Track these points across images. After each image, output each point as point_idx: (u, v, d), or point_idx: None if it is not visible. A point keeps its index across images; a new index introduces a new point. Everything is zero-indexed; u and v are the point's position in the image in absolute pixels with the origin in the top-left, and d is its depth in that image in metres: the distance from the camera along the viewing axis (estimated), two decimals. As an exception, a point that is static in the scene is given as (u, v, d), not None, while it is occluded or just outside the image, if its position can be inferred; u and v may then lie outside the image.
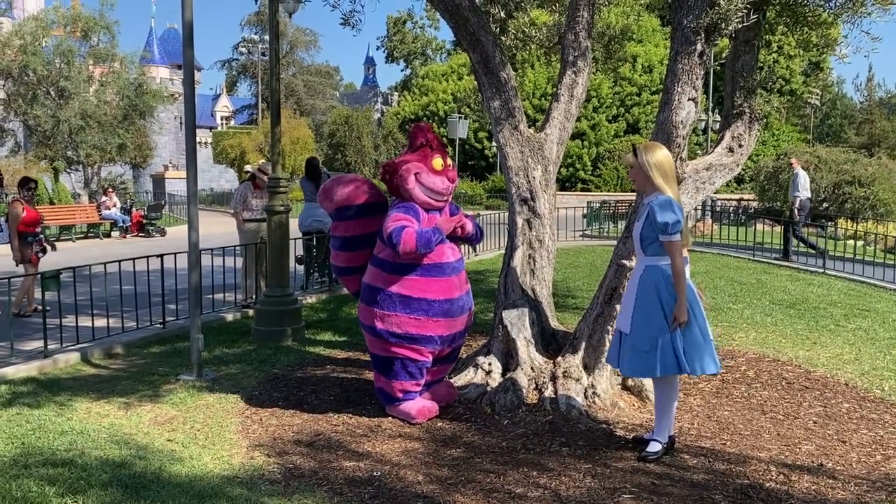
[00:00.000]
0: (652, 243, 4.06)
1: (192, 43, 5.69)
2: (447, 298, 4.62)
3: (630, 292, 4.17)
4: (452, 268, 4.70)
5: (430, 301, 4.57)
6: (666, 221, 3.93)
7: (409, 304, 4.57)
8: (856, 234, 15.18)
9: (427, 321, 4.59)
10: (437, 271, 4.61)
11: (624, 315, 4.20)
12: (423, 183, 4.58)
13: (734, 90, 5.79)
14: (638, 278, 4.13)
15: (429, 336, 4.62)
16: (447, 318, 4.65)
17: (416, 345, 4.63)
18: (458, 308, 4.70)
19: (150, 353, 6.81)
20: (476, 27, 5.66)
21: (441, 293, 4.61)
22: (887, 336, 7.38)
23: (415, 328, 4.59)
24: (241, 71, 64.66)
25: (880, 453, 4.33)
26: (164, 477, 3.84)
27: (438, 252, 4.61)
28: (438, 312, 4.60)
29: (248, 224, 8.71)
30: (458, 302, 4.70)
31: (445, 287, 4.63)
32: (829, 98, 58.66)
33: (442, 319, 4.63)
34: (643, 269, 4.12)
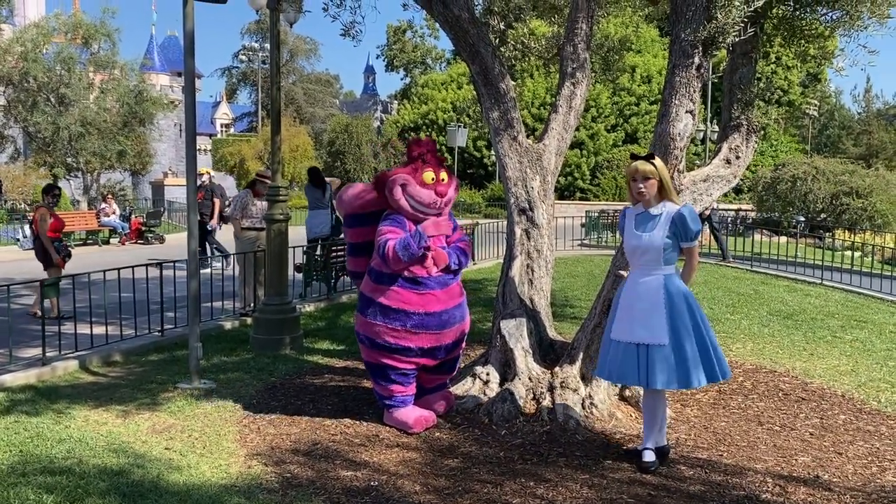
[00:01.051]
0: (672, 252, 4.10)
1: (193, 52, 5.72)
2: (427, 312, 4.65)
3: (655, 304, 4.06)
4: (437, 281, 4.70)
5: (408, 313, 4.64)
6: (698, 230, 4.09)
7: (387, 314, 4.67)
8: (853, 244, 15.22)
9: (403, 332, 4.66)
10: (418, 285, 4.65)
11: (648, 327, 4.06)
12: (410, 195, 4.63)
13: (732, 102, 5.83)
14: (663, 289, 4.07)
15: (406, 347, 4.69)
16: (427, 332, 4.68)
17: (395, 354, 4.73)
18: (441, 321, 4.70)
19: (149, 361, 6.81)
20: (475, 39, 5.70)
21: (420, 306, 4.64)
22: (884, 347, 7.40)
23: (392, 338, 4.68)
24: (242, 79, 64.80)
25: (876, 465, 4.35)
26: (162, 485, 3.85)
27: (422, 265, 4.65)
28: (417, 325, 4.65)
29: (248, 232, 8.73)
30: (442, 315, 4.71)
31: (427, 300, 4.66)
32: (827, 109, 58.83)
33: (422, 332, 4.67)
34: (664, 278, 4.09)
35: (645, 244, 4.10)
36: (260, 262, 8.38)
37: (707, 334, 4.08)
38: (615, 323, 4.23)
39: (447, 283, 4.77)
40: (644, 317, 4.08)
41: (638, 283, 4.15)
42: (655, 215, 4.11)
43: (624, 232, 4.28)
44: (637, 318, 4.11)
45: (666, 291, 4.05)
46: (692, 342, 4.02)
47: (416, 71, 61.40)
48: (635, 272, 4.21)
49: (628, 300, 4.17)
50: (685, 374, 4.00)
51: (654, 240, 4.07)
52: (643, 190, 4.10)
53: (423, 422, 4.82)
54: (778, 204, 19.82)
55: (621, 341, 4.17)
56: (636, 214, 4.21)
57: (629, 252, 4.23)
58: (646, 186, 4.09)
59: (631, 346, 4.12)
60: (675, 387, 4.10)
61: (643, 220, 4.16)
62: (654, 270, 4.11)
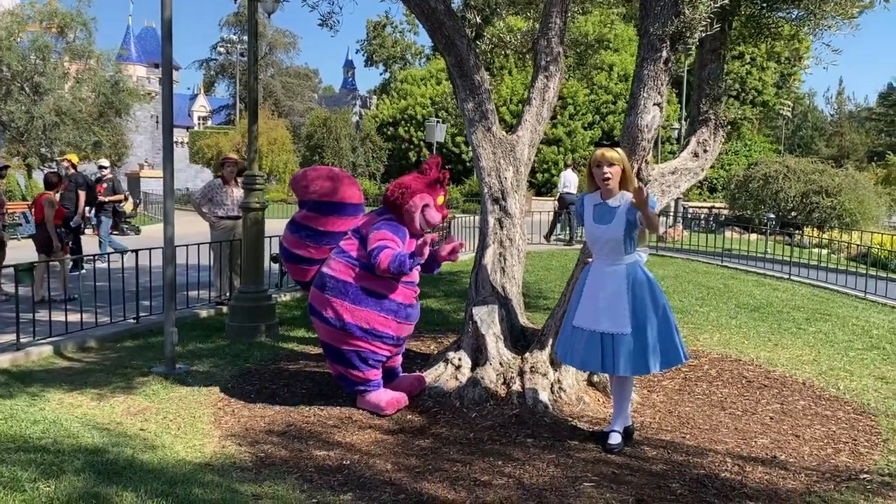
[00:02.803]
0: (632, 240, 4.21)
1: (170, 39, 5.76)
2: (410, 304, 5.02)
3: (618, 293, 4.17)
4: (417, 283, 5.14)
5: (405, 306, 4.96)
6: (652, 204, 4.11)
7: (382, 304, 4.87)
8: (821, 242, 15.54)
9: (394, 322, 4.91)
10: (412, 283, 5.06)
11: (611, 317, 4.17)
12: (425, 216, 4.94)
13: (700, 97, 5.99)
14: (625, 278, 4.18)
15: (391, 335, 4.94)
16: (409, 322, 5.05)
17: (378, 341, 4.90)
18: (417, 313, 5.16)
19: (124, 347, 6.84)
20: (451, 31, 5.80)
21: (410, 299, 5.02)
22: (846, 339, 7.63)
23: (380, 325, 4.86)
24: (220, 71, 64.30)
25: (831, 447, 4.52)
26: (137, 464, 3.90)
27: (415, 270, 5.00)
28: (406, 316, 4.99)
29: (223, 221, 8.75)
30: (417, 307, 5.15)
31: (410, 294, 5.04)
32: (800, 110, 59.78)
33: (404, 323, 4.99)
34: (626, 267, 4.21)
35: (606, 236, 4.21)
36: (236, 251, 8.41)
37: (669, 320, 4.21)
38: (578, 310, 4.33)
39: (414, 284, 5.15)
40: (608, 306, 4.20)
41: (601, 273, 4.27)
42: (614, 207, 4.21)
43: (583, 220, 4.40)
44: (601, 307, 4.22)
45: (628, 281, 4.18)
46: (654, 330, 4.15)
47: (395, 66, 61.33)
48: (598, 261, 4.33)
49: (592, 289, 4.29)
50: (644, 361, 4.15)
51: (614, 231, 4.18)
52: (608, 176, 4.20)
53: (396, 403, 4.94)
54: (750, 202, 20.14)
55: (585, 329, 4.28)
56: (594, 205, 4.31)
57: (590, 242, 4.36)
58: (611, 172, 4.19)
59: (595, 334, 4.23)
60: (637, 373, 4.24)
61: (602, 211, 4.26)
62: (617, 260, 4.23)
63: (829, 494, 3.76)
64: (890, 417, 5.09)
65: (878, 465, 4.22)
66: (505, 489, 3.76)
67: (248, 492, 3.63)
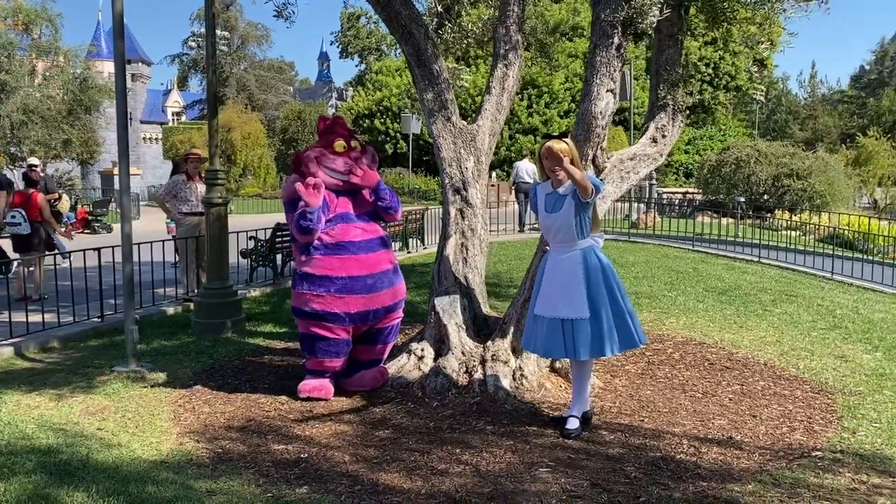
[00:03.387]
0: (583, 227, 4.23)
1: (122, 34, 5.67)
2: (350, 276, 4.84)
3: (574, 279, 4.21)
4: (359, 246, 4.90)
5: (331, 278, 4.82)
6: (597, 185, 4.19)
7: (312, 281, 4.85)
8: (792, 224, 15.71)
9: (329, 298, 4.83)
10: (340, 250, 4.86)
11: (569, 303, 4.20)
12: (324, 165, 4.88)
13: (658, 83, 6.01)
14: (581, 264, 4.22)
15: (333, 313, 4.85)
16: (353, 295, 4.85)
17: (324, 321, 4.87)
18: (365, 286, 4.88)
19: (87, 347, 6.77)
20: (407, 20, 5.77)
21: (343, 270, 4.83)
22: (810, 319, 7.72)
23: (318, 304, 4.84)
24: (192, 65, 63.51)
25: (787, 426, 4.58)
26: (91, 463, 3.87)
27: (342, 231, 4.88)
28: (341, 289, 4.82)
29: (189, 217, 8.67)
30: (367, 280, 4.89)
31: (350, 265, 4.85)
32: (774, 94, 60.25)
33: (347, 296, 4.84)
34: (581, 253, 4.23)
35: (557, 223, 4.25)
36: (202, 246, 8.34)
37: (623, 303, 4.25)
38: (539, 298, 4.37)
39: (372, 248, 4.97)
40: (565, 292, 4.23)
41: (557, 260, 4.31)
42: (564, 195, 4.24)
43: (537, 210, 4.41)
44: (559, 293, 4.26)
45: (584, 266, 4.22)
46: (608, 313, 4.18)
47: (370, 57, 60.90)
48: (554, 250, 4.36)
49: (550, 276, 4.33)
50: (600, 344, 4.18)
51: (565, 217, 4.21)
52: (557, 168, 4.22)
53: (311, 389, 5.04)
54: (722, 186, 20.30)
55: (545, 317, 4.31)
56: (546, 194, 4.34)
57: (544, 230, 4.40)
58: (560, 166, 4.20)
59: (556, 321, 4.27)
60: (595, 356, 4.27)
61: (552, 200, 4.30)
62: (571, 246, 4.26)
63: (781, 472, 3.82)
64: (846, 395, 5.17)
65: (830, 442, 4.29)
66: (461, 477, 3.77)
67: (203, 488, 3.62)
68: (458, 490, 3.62)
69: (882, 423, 4.60)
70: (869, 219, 15.21)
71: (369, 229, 5.04)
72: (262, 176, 39.01)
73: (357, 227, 4.95)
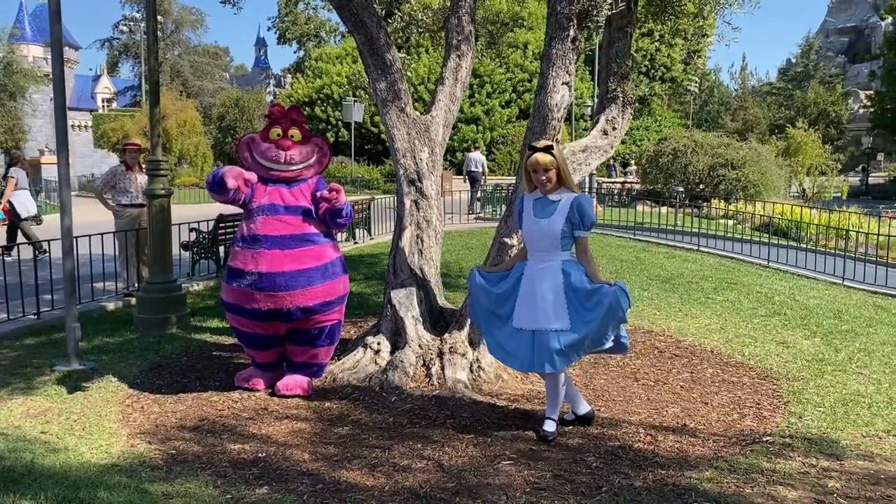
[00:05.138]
0: (568, 238, 4.16)
1: (59, 16, 5.40)
2: (260, 271, 4.63)
3: (555, 290, 4.11)
4: (276, 242, 4.67)
5: (242, 272, 4.72)
6: (593, 220, 4.17)
7: (230, 273, 4.83)
8: (727, 213, 16.18)
9: (239, 292, 4.75)
10: (255, 244, 4.71)
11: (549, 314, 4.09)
12: (254, 152, 4.88)
13: (609, 75, 6.06)
14: (561, 274, 4.12)
15: (243, 307, 4.78)
16: (262, 292, 4.65)
17: (238, 315, 4.89)
18: (274, 284, 4.63)
19: (24, 346, 6.47)
20: (359, 8, 5.68)
21: (254, 265, 4.66)
22: (750, 306, 7.97)
23: (232, 298, 4.83)
24: (123, 50, 61.31)
25: (737, 412, 4.71)
26: (37, 469, 3.70)
27: (263, 224, 4.72)
28: (251, 285, 4.67)
29: (128, 209, 8.37)
30: (278, 278, 4.63)
31: (262, 260, 4.65)
32: (707, 86, 61.93)
33: (257, 293, 4.66)
34: (562, 263, 4.14)
35: (544, 230, 4.14)
36: (142, 239, 8.07)
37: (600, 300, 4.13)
38: (517, 311, 4.20)
39: (292, 244, 4.69)
40: (546, 303, 4.12)
41: (537, 270, 4.18)
42: (554, 201, 4.16)
43: (521, 217, 4.31)
44: (539, 305, 4.13)
45: (564, 275, 4.12)
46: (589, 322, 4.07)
47: (309, 44, 59.96)
48: (533, 259, 4.23)
49: (529, 287, 4.19)
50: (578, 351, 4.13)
51: (553, 225, 4.12)
52: (544, 179, 4.14)
53: (242, 379, 5.12)
54: (660, 176, 20.77)
55: (525, 329, 4.17)
56: (534, 200, 4.24)
57: (528, 238, 4.27)
58: (548, 177, 4.14)
59: (538, 332, 4.11)
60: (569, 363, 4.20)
61: (542, 205, 4.19)
62: (552, 257, 4.16)
63: (735, 458, 3.92)
64: (790, 381, 5.35)
65: (779, 427, 4.43)
66: (424, 472, 3.75)
67: (159, 491, 3.50)
68: (423, 486, 3.59)
69: (826, 407, 4.78)
70: (801, 208, 15.79)
71: (295, 223, 4.76)
72: (199, 165, 38.02)
73: (280, 220, 4.71)
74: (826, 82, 57.08)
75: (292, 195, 4.83)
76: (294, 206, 4.79)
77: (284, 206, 4.77)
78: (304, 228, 4.78)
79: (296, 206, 4.80)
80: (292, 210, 4.79)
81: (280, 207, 4.76)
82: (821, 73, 60.69)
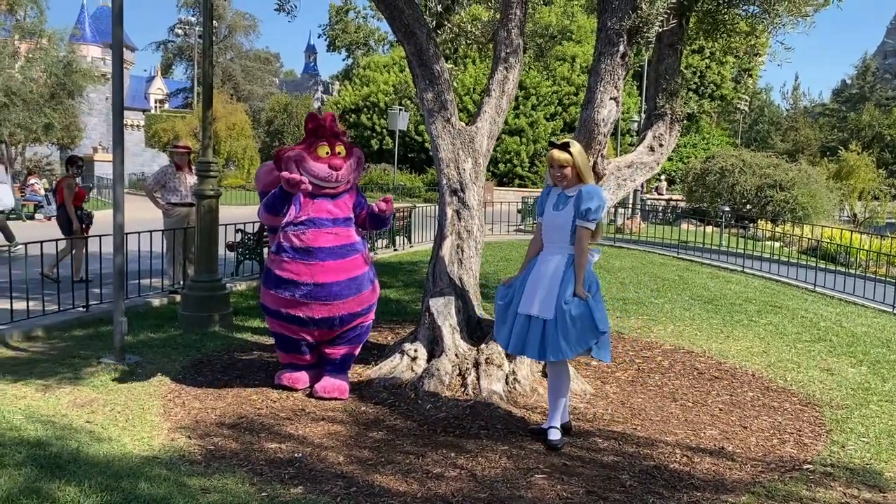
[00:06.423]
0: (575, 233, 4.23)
1: (121, 19, 5.59)
2: (316, 282, 4.78)
3: (554, 279, 4.17)
4: (329, 252, 4.81)
5: (297, 283, 4.80)
6: (589, 207, 4.16)
7: (279, 283, 4.86)
8: (774, 235, 15.88)
9: (293, 302, 4.84)
10: (308, 255, 4.79)
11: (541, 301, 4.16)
12: (304, 170, 4.83)
13: (657, 92, 6.03)
14: (564, 266, 4.18)
15: (296, 316, 4.88)
16: (317, 302, 4.82)
17: (287, 323, 4.95)
18: (330, 293, 4.81)
19: (72, 337, 6.67)
20: (410, 19, 5.74)
21: (309, 276, 4.78)
22: (795, 331, 7.81)
23: (283, 307, 4.89)
24: (177, 53, 62.89)
25: (777, 438, 4.62)
26: (82, 457, 3.81)
27: (313, 237, 4.81)
28: (306, 295, 4.80)
29: (177, 208, 8.57)
30: (333, 287, 4.81)
31: (315, 271, 4.78)
32: (757, 105, 60.89)
33: (312, 303, 4.82)
34: (569, 257, 4.20)
35: (556, 222, 4.27)
36: (189, 238, 8.26)
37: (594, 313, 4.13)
38: (523, 297, 4.30)
39: (343, 254, 4.88)
40: (546, 292, 4.20)
41: (545, 260, 4.30)
42: (570, 196, 4.26)
43: (542, 209, 4.42)
44: (538, 292, 4.23)
45: (567, 268, 4.18)
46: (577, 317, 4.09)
47: (358, 52, 60.70)
48: (546, 249, 4.36)
49: (535, 275, 4.31)
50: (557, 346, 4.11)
51: (565, 216, 4.23)
52: (559, 176, 4.25)
53: (288, 379, 5.19)
54: (706, 195, 20.49)
55: (521, 314, 4.28)
56: (558, 193, 4.35)
57: (545, 229, 4.37)
58: (562, 173, 4.24)
59: (534, 319, 4.21)
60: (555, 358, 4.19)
61: (560, 200, 4.32)
62: (562, 249, 4.25)
63: (774, 485, 3.85)
64: (834, 409, 5.23)
65: (821, 455, 4.33)
66: (457, 481, 3.76)
67: (197, 485, 3.57)
68: (455, 494, 3.60)
69: (870, 437, 4.66)
70: (851, 232, 15.41)
71: (342, 234, 4.93)
72: (246, 167, 38.72)
73: (330, 232, 4.86)
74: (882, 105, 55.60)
75: (338, 208, 4.99)
76: (341, 218, 4.98)
77: (332, 218, 4.93)
78: (351, 238, 5.01)
79: (343, 217, 4.99)
80: (339, 222, 4.96)
81: (327, 221, 4.90)
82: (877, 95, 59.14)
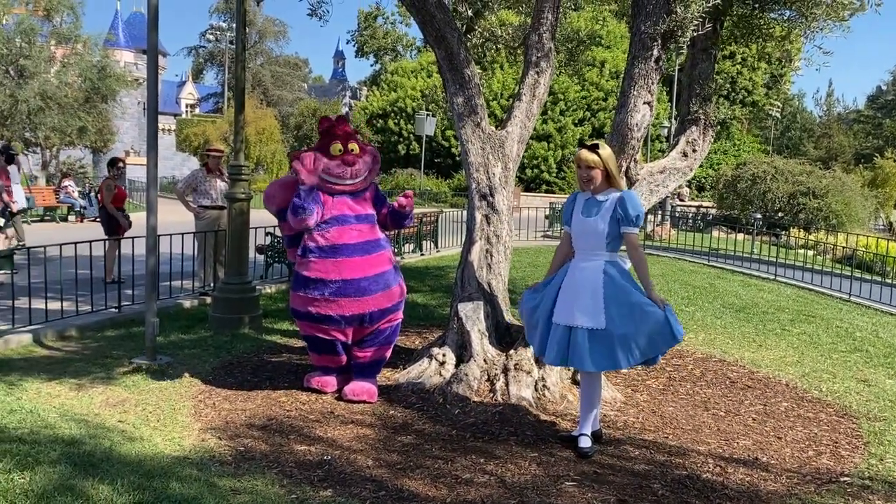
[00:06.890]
0: (614, 239, 4.16)
1: (156, 25, 5.66)
2: (344, 279, 4.82)
3: (595, 288, 4.09)
4: (354, 249, 4.88)
5: (325, 282, 4.82)
6: (639, 213, 4.13)
7: (307, 283, 4.88)
8: (807, 243, 15.63)
9: (323, 301, 4.85)
10: (334, 252, 4.84)
11: (587, 311, 4.08)
12: (318, 167, 4.90)
13: (691, 97, 5.98)
14: (602, 273, 4.11)
15: (328, 316, 4.88)
16: (346, 298, 4.84)
17: (319, 324, 4.94)
18: (359, 289, 4.85)
19: (105, 337, 6.76)
20: (442, 24, 5.75)
21: (337, 273, 4.82)
22: (829, 341, 7.66)
23: (313, 307, 4.88)
24: (208, 58, 63.80)
25: (813, 449, 4.53)
26: (115, 456, 3.85)
27: (338, 234, 4.87)
28: (335, 293, 4.82)
29: (208, 211, 8.66)
30: (362, 283, 4.86)
31: (344, 268, 4.83)
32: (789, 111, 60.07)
33: (341, 299, 4.83)
34: (605, 263, 4.14)
35: (589, 229, 4.17)
36: (220, 241, 8.33)
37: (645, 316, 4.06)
38: (557, 306, 4.24)
39: (368, 250, 4.94)
40: (584, 301, 4.11)
41: (579, 268, 4.21)
42: (601, 201, 4.18)
43: (569, 216, 4.34)
44: (577, 302, 4.13)
45: (605, 275, 4.12)
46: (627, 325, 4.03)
47: (386, 58, 61.00)
48: (577, 258, 4.26)
49: (570, 284, 4.22)
50: (614, 356, 4.04)
51: (598, 224, 4.14)
52: (587, 178, 4.18)
53: (317, 382, 5.21)
54: (737, 202, 20.23)
55: (560, 324, 4.19)
56: (585, 199, 4.28)
57: (575, 236, 4.29)
58: (590, 175, 4.16)
59: (574, 329, 4.12)
60: (607, 368, 4.16)
61: (590, 205, 4.22)
62: (596, 255, 4.17)
63: (810, 497, 3.77)
64: (871, 420, 5.11)
65: (858, 468, 4.23)
66: (486, 487, 3.74)
67: (227, 486, 3.59)
68: (484, 500, 3.58)
69: (910, 450, 4.54)
70: (887, 241, 15.11)
71: (366, 230, 5.01)
72: (275, 171, 39.07)
73: (353, 228, 4.93)
74: (918, 112, 54.59)
75: (358, 205, 5.06)
76: (362, 214, 5.05)
77: (354, 215, 5.00)
78: (375, 235, 5.07)
79: (364, 214, 5.06)
80: (361, 219, 5.03)
81: (350, 217, 4.98)
82: (913, 101, 58.06)
